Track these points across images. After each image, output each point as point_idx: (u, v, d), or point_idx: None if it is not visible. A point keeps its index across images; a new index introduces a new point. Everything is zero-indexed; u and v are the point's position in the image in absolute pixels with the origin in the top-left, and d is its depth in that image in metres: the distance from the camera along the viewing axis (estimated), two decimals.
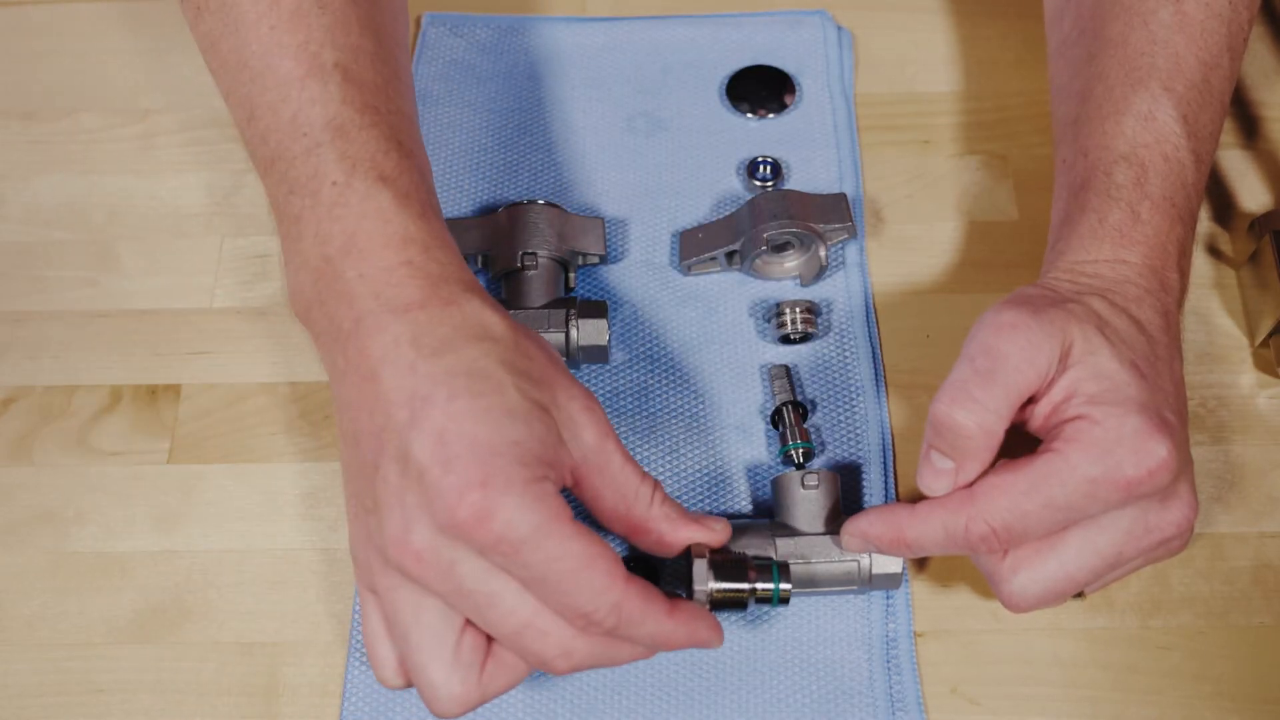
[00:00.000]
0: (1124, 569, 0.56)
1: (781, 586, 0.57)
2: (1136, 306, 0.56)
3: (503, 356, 0.51)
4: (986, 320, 0.55)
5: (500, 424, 0.49)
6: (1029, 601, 0.55)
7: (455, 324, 0.51)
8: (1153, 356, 0.55)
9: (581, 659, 0.51)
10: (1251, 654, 0.60)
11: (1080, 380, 0.53)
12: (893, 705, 0.59)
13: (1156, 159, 0.59)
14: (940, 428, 0.54)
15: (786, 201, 0.68)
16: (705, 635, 0.54)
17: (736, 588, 0.56)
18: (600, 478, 0.54)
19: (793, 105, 0.76)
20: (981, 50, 0.79)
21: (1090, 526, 0.54)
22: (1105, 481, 0.52)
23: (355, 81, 0.56)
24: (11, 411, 0.67)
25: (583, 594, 0.49)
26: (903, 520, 0.56)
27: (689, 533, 0.56)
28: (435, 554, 0.49)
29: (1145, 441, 0.52)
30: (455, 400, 0.49)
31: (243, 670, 0.60)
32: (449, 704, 0.51)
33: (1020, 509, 0.53)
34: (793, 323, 0.67)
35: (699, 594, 0.55)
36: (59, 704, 0.59)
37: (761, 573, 0.57)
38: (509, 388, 0.50)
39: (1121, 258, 0.58)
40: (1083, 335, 0.54)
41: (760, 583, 0.57)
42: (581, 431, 0.53)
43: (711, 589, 0.55)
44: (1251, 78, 0.77)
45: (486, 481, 0.48)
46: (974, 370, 0.54)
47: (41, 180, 0.74)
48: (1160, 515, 0.54)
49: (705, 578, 0.55)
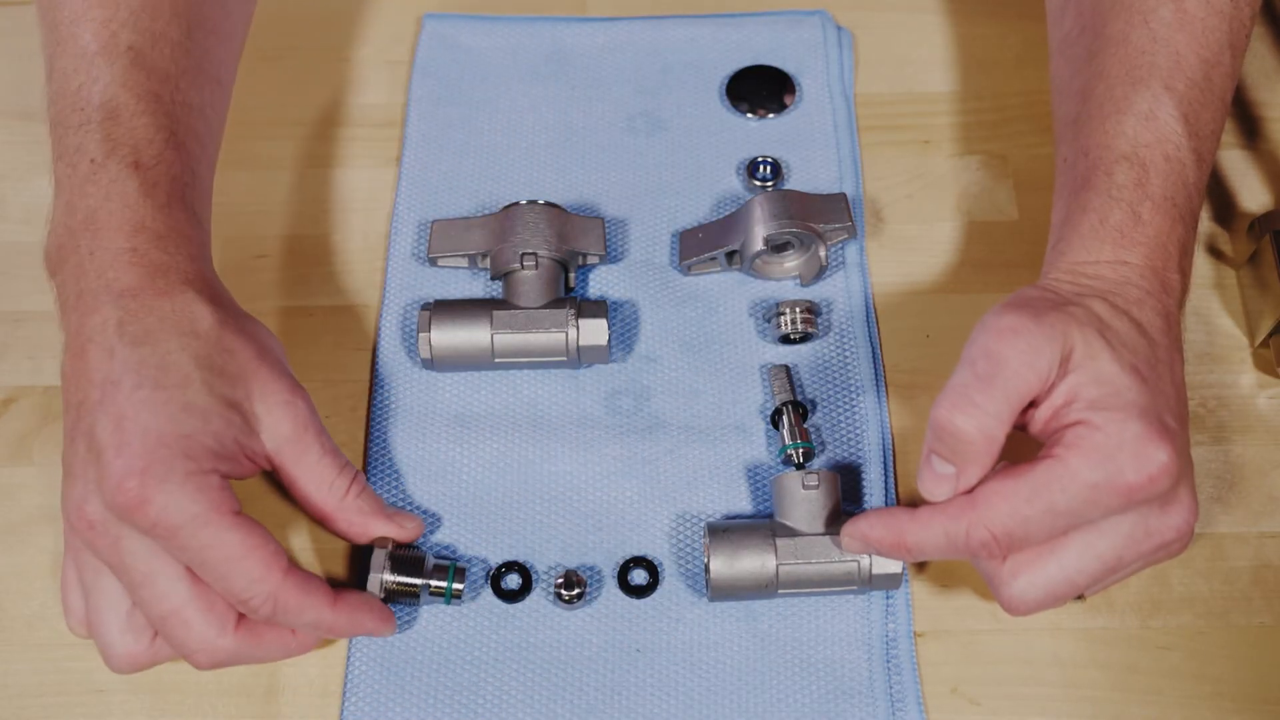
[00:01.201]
0: (1124, 572, 0.56)
1: (454, 586, 0.60)
2: (1138, 309, 0.56)
3: (199, 351, 0.55)
4: (987, 324, 0.55)
5: (175, 417, 0.53)
6: (1029, 605, 0.55)
7: (162, 315, 0.55)
8: (1154, 360, 0.55)
9: (224, 657, 0.55)
10: (1251, 654, 0.60)
11: (1081, 385, 0.53)
12: (893, 705, 0.59)
13: (1158, 159, 0.59)
14: (941, 432, 0.54)
15: (786, 201, 0.68)
16: (371, 624, 0.58)
17: (410, 581, 0.59)
18: (296, 467, 0.58)
19: (793, 105, 0.76)
20: (981, 50, 0.79)
21: (1090, 531, 0.54)
22: (1106, 487, 0.52)
23: (144, 67, 0.60)
24: (11, 411, 0.67)
25: (239, 581, 0.53)
26: (904, 525, 0.56)
27: (379, 525, 0.60)
28: (104, 527, 0.53)
29: (1146, 447, 0.52)
30: (139, 390, 0.53)
31: (243, 670, 0.60)
32: (120, 662, 0.56)
33: (1021, 515, 0.53)
34: (793, 323, 0.67)
35: (372, 581, 0.59)
36: (59, 704, 0.59)
37: (439, 571, 0.60)
38: (195, 383, 0.54)
39: (1123, 259, 0.58)
40: (1083, 339, 0.54)
41: (435, 579, 0.60)
42: (279, 424, 0.57)
43: (384, 579, 0.59)
44: (1251, 78, 0.77)
45: (147, 470, 0.52)
46: (975, 375, 0.54)
47: (41, 180, 0.74)
48: (1161, 520, 0.54)
49: (381, 567, 0.59)
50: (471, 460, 0.65)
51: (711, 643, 0.60)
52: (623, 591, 0.62)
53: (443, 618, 0.61)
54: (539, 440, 0.65)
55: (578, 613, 0.61)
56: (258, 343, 0.58)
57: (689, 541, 0.63)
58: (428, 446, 0.65)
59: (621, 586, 0.62)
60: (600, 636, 0.61)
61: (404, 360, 0.68)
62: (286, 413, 0.57)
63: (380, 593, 0.59)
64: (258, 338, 0.58)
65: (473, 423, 0.66)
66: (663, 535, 0.63)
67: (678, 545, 0.63)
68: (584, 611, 0.61)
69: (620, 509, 0.64)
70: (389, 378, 0.67)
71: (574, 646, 0.60)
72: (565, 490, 0.64)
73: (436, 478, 0.64)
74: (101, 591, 0.55)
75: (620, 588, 0.62)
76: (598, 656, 0.60)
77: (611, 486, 0.64)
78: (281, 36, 0.79)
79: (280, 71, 0.78)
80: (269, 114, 0.76)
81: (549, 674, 0.60)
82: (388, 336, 0.68)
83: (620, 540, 0.63)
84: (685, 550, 0.63)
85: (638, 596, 0.61)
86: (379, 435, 0.65)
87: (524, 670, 0.60)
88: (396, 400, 0.66)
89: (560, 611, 0.61)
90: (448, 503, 0.64)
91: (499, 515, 0.64)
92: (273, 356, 0.58)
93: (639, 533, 0.63)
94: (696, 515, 0.63)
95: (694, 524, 0.63)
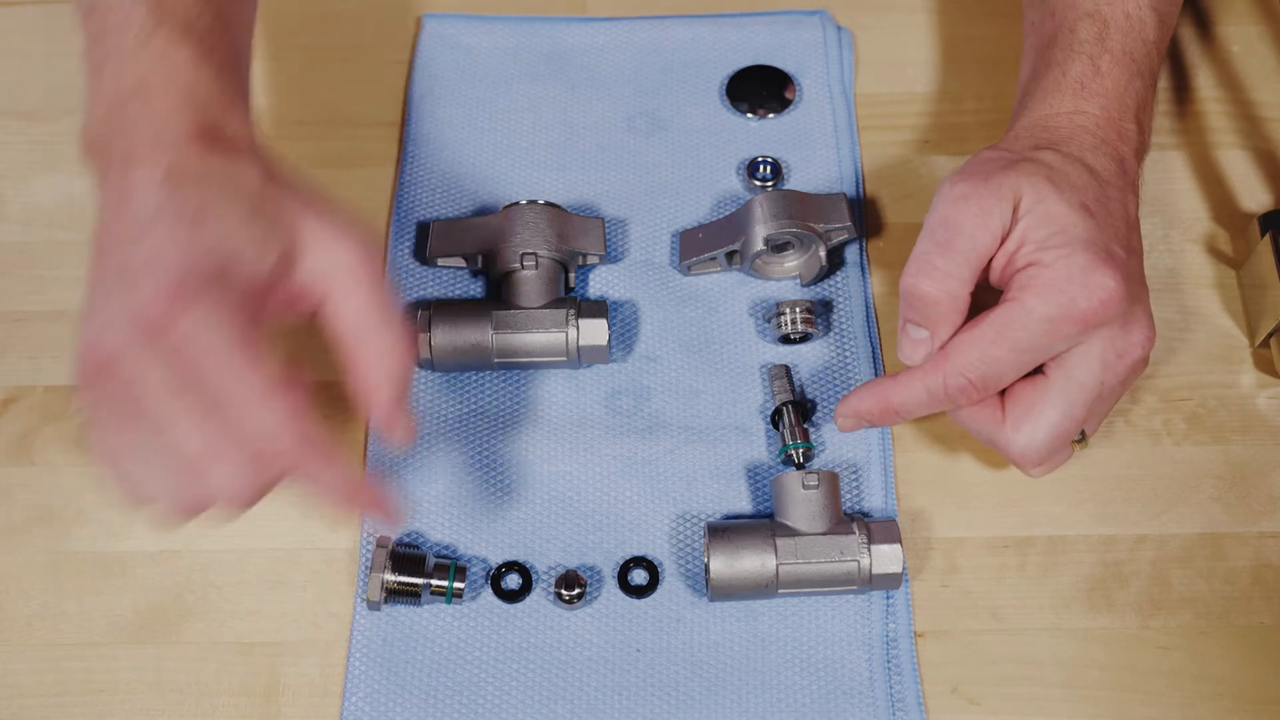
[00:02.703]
0: (1110, 400, 0.60)
1: (455, 585, 0.60)
2: (1091, 155, 0.60)
3: (245, 198, 0.53)
4: (942, 192, 0.59)
5: (212, 249, 0.51)
6: (1038, 452, 0.59)
7: (210, 167, 0.54)
8: (1103, 197, 0.58)
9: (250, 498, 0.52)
10: (1251, 654, 0.60)
11: (1029, 229, 0.57)
12: (893, 705, 0.59)
13: (1119, 16, 0.63)
14: (910, 298, 0.59)
15: (786, 201, 0.68)
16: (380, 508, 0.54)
17: (410, 580, 0.59)
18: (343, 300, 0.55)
19: (793, 105, 0.76)
20: (981, 50, 0.79)
21: (1066, 364, 0.58)
22: (1062, 319, 0.56)
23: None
24: (11, 411, 0.67)
25: (258, 422, 0.50)
26: (887, 390, 0.60)
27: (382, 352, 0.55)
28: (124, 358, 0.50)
29: (1093, 275, 0.56)
30: (177, 227, 0.51)
31: (243, 670, 0.60)
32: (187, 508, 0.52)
33: (990, 356, 0.57)
34: (793, 323, 0.67)
35: (373, 580, 0.59)
36: (59, 704, 0.59)
37: (440, 570, 0.60)
38: (236, 222, 0.52)
39: (1080, 109, 0.61)
40: (1031, 187, 0.58)
41: (436, 579, 0.60)
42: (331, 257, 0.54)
43: (385, 579, 0.59)
44: (1251, 78, 0.77)
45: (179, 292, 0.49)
46: (934, 242, 0.58)
47: (41, 180, 0.74)
48: (1126, 340, 0.58)
49: (382, 566, 0.59)
50: (471, 460, 0.65)
51: (711, 643, 0.60)
52: (623, 592, 0.62)
53: (443, 618, 0.61)
54: (539, 440, 0.65)
55: (578, 613, 0.61)
56: (308, 193, 0.56)
57: (689, 541, 0.63)
58: (428, 446, 0.65)
59: (621, 587, 0.62)
60: (600, 636, 0.61)
61: None
62: (339, 247, 0.55)
63: (381, 592, 0.59)
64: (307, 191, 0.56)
65: (473, 423, 0.66)
66: (663, 535, 0.63)
67: (678, 545, 0.63)
68: (584, 612, 0.61)
69: (620, 509, 0.64)
70: None
71: (574, 647, 0.60)
72: (565, 490, 0.64)
73: (436, 478, 0.64)
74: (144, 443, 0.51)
75: (620, 588, 0.62)
76: (598, 657, 0.60)
77: (611, 486, 0.64)
78: (282, 36, 0.79)
79: (280, 71, 0.78)
80: (269, 114, 0.76)
81: (549, 674, 0.60)
82: None
83: (620, 540, 0.63)
84: (685, 550, 0.63)
85: (638, 596, 0.61)
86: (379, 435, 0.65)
87: (524, 670, 0.60)
88: None
89: (560, 611, 0.61)
90: (448, 503, 0.64)
91: (499, 515, 0.64)
92: (324, 202, 0.56)
93: (639, 533, 0.63)
94: (696, 515, 0.63)
95: (694, 524, 0.63)
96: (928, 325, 0.59)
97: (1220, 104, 0.76)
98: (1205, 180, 0.73)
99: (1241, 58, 0.78)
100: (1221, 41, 0.78)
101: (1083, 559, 0.62)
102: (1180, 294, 0.70)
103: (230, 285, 0.51)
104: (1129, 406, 0.66)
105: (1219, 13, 0.79)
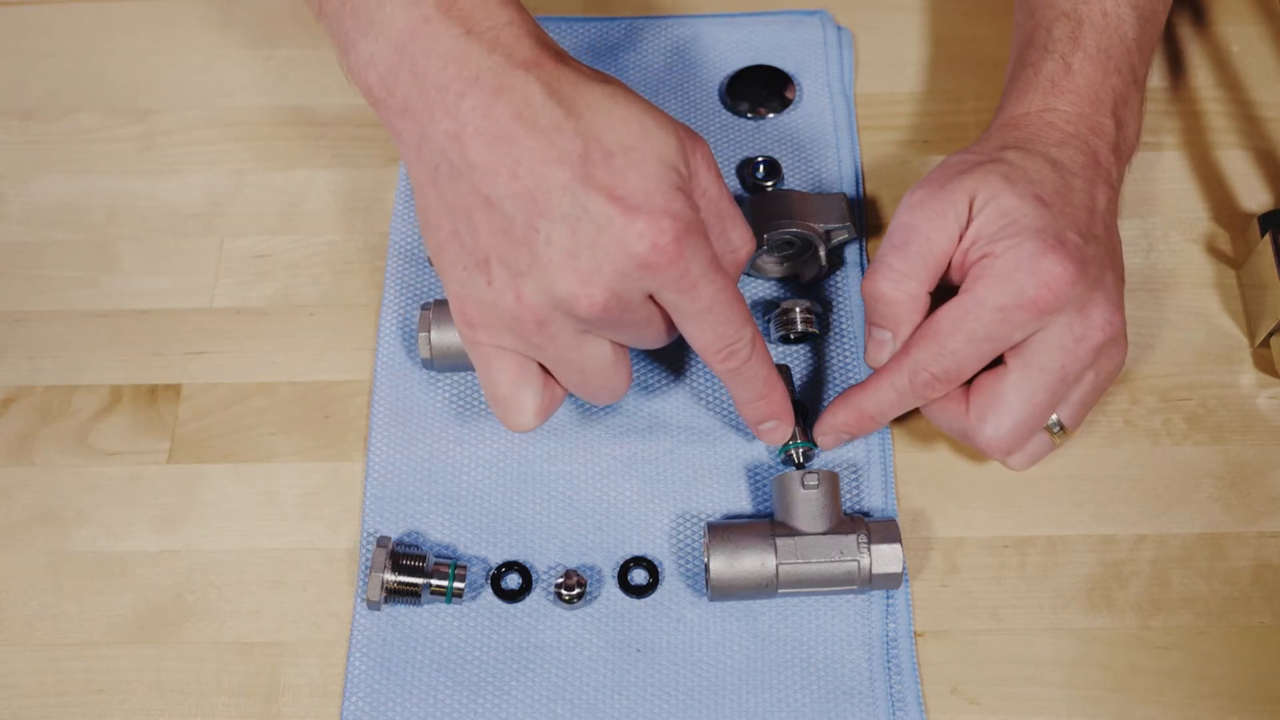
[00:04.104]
0: (1082, 389, 0.59)
1: (455, 585, 0.60)
2: (1057, 149, 0.61)
3: (632, 102, 0.53)
4: (902, 203, 0.61)
5: (661, 174, 0.52)
6: (1005, 440, 0.59)
7: (577, 81, 0.52)
8: (1064, 188, 0.59)
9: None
10: (1251, 654, 0.60)
11: (983, 224, 0.58)
12: (893, 705, 0.59)
13: (1094, 14, 0.64)
14: (870, 301, 0.60)
15: (786, 201, 0.68)
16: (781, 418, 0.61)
17: (410, 580, 0.60)
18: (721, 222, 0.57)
19: (793, 105, 0.76)
20: (981, 50, 0.79)
21: (1024, 352, 0.58)
22: (1013, 307, 0.57)
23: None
24: (11, 411, 0.67)
25: (734, 324, 0.55)
26: (858, 398, 0.61)
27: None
28: (615, 299, 0.52)
29: (1041, 262, 0.56)
30: (613, 157, 0.51)
31: (242, 670, 0.60)
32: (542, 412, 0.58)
33: (949, 349, 0.58)
34: (792, 323, 0.67)
35: (373, 580, 0.59)
36: (59, 704, 0.59)
37: (440, 570, 0.60)
38: (655, 139, 0.52)
39: (1050, 106, 0.62)
40: (986, 185, 0.59)
41: (436, 579, 0.60)
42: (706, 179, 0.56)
43: (385, 578, 0.59)
44: (1251, 78, 0.77)
45: (667, 219, 0.51)
46: (891, 245, 0.60)
47: (41, 180, 0.74)
48: (1084, 324, 0.58)
49: (382, 566, 0.59)
50: (471, 460, 0.65)
51: (711, 643, 0.60)
52: (623, 591, 0.62)
53: (443, 618, 0.61)
54: (539, 440, 0.65)
55: (578, 613, 0.61)
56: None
57: (689, 541, 0.63)
58: (428, 446, 0.65)
59: (621, 586, 0.62)
60: (600, 636, 0.61)
61: (404, 360, 0.67)
62: (709, 163, 0.56)
63: (381, 592, 0.59)
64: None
65: (473, 423, 0.66)
66: (663, 535, 0.63)
67: (678, 545, 0.63)
68: (584, 611, 0.61)
69: (620, 509, 0.64)
70: (389, 378, 0.67)
71: (574, 646, 0.60)
72: (565, 490, 0.64)
73: (436, 478, 0.64)
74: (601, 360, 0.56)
75: (620, 588, 0.62)
76: (598, 656, 0.60)
77: (611, 486, 0.64)
78: (282, 36, 0.79)
79: (282, 70, 0.78)
80: (270, 113, 0.76)
81: (549, 674, 0.60)
82: (388, 336, 0.68)
83: (620, 540, 0.63)
84: (685, 550, 0.63)
85: (638, 596, 0.61)
86: (379, 435, 0.65)
87: (524, 670, 0.60)
88: (397, 400, 0.66)
89: (560, 611, 0.61)
90: (448, 503, 0.64)
91: (499, 515, 0.64)
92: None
93: (639, 533, 0.63)
94: (696, 515, 0.64)
95: (694, 524, 0.63)
96: (890, 326, 0.60)
97: (1220, 104, 0.76)
98: (1205, 180, 0.73)
99: (1241, 58, 0.78)
100: (1221, 41, 0.78)
101: (1083, 559, 0.62)
102: (1180, 294, 0.70)
103: (688, 207, 0.53)
104: (1129, 406, 0.66)
105: (1219, 12, 0.79)
